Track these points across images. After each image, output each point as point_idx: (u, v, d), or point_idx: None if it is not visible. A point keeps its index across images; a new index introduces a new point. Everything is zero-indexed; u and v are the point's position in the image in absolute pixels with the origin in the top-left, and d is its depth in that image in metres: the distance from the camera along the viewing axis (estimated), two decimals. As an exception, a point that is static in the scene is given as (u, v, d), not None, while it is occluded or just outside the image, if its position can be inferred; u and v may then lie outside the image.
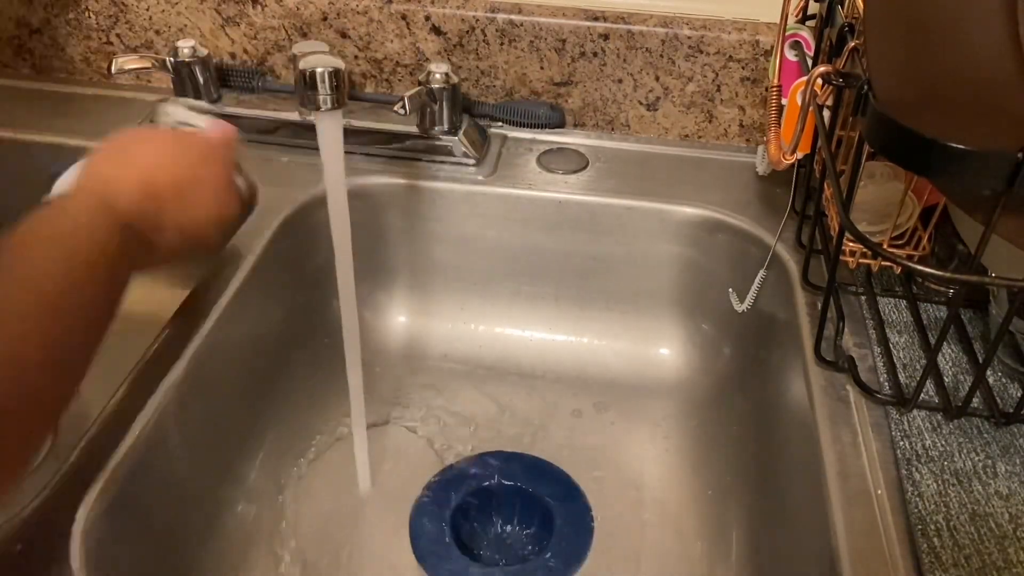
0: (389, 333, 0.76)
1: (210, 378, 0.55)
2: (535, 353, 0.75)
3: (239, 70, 0.76)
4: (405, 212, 0.72)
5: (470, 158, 0.71)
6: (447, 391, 0.72)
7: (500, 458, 0.65)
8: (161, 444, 0.49)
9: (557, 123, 0.76)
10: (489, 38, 0.72)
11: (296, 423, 0.67)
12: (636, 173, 0.71)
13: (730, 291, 0.67)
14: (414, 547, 0.59)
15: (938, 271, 0.51)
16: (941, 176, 0.41)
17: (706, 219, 0.68)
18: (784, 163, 0.54)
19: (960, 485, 0.45)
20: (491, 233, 0.72)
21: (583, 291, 0.74)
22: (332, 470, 0.65)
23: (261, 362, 0.63)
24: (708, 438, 0.68)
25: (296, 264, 0.67)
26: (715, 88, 0.72)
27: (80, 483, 0.44)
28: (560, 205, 0.69)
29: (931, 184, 0.51)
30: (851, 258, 0.56)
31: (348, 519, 0.61)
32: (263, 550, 0.59)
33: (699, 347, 0.73)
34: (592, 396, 0.72)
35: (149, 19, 0.76)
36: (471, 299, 0.76)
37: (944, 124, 0.35)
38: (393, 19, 0.72)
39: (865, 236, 0.43)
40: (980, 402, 0.50)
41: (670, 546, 0.61)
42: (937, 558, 0.41)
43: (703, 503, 0.63)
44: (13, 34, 0.79)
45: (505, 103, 0.75)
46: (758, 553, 0.57)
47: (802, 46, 0.58)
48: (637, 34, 0.70)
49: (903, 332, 0.55)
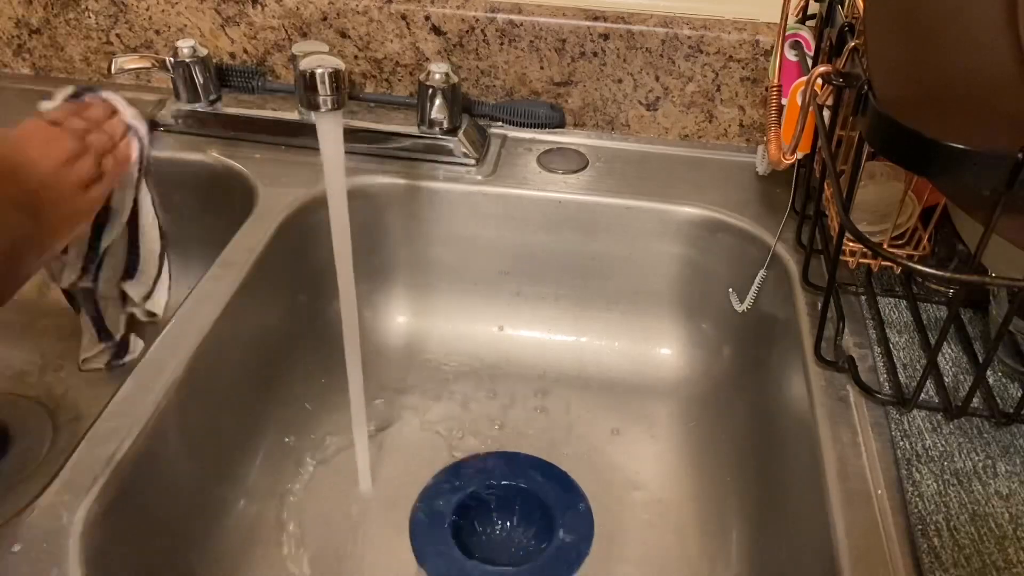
0: (389, 333, 0.76)
1: (210, 378, 0.54)
2: (535, 353, 0.75)
3: (239, 70, 0.76)
4: (405, 212, 0.72)
5: (470, 158, 0.71)
6: (447, 391, 0.72)
7: (500, 458, 0.65)
8: (161, 444, 0.49)
9: (557, 123, 0.76)
10: (489, 38, 0.72)
11: (296, 423, 0.67)
12: (636, 173, 0.71)
13: (730, 291, 0.67)
14: (414, 547, 0.59)
15: (938, 271, 0.50)
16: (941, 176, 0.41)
17: (706, 219, 0.68)
18: (784, 163, 0.54)
19: (960, 485, 0.45)
20: (491, 233, 0.72)
21: (583, 291, 0.74)
22: (332, 470, 0.65)
23: (261, 362, 0.63)
24: (708, 438, 0.68)
25: (296, 264, 0.67)
26: (715, 88, 0.72)
27: (80, 483, 0.44)
28: (560, 205, 0.69)
29: (931, 184, 0.51)
30: (851, 258, 0.56)
31: (348, 519, 0.61)
32: (263, 550, 0.59)
33: (699, 347, 0.73)
34: (592, 396, 0.72)
35: (149, 19, 0.76)
36: (471, 299, 0.76)
37: (944, 124, 0.35)
38: (393, 19, 0.72)
39: (865, 236, 0.43)
40: (980, 402, 0.50)
41: (670, 546, 0.61)
42: (937, 558, 0.41)
43: (703, 503, 0.63)
44: (13, 34, 0.79)
45: (505, 103, 0.75)
46: (758, 553, 0.57)
47: (802, 46, 0.58)
48: (637, 34, 0.70)
49: (903, 332, 0.55)
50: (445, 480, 0.63)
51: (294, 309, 0.68)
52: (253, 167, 0.70)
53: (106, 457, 0.45)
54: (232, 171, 0.70)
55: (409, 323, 0.76)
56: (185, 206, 0.74)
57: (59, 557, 0.41)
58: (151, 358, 0.52)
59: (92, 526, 0.43)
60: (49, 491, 0.44)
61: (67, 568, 0.41)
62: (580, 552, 0.59)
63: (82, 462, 0.45)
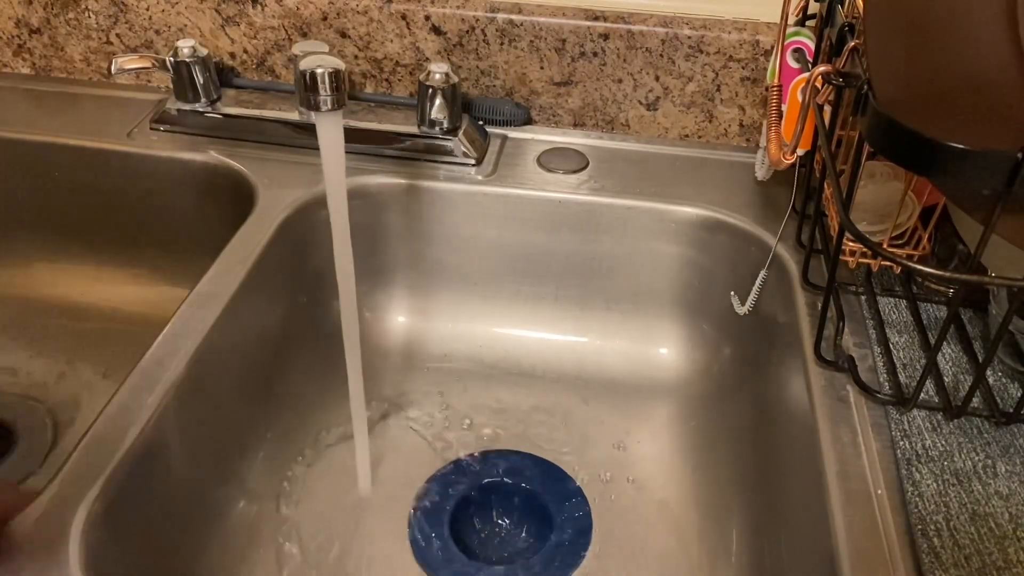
0: (389, 333, 0.76)
1: (210, 378, 0.54)
2: (535, 353, 0.75)
3: (239, 70, 0.76)
4: (405, 212, 0.72)
5: (470, 158, 0.71)
6: (447, 391, 0.72)
7: (500, 457, 0.65)
8: (161, 444, 0.49)
9: (523, 120, 0.76)
10: (489, 38, 0.72)
11: (296, 423, 0.67)
12: (636, 173, 0.71)
13: (732, 294, 0.67)
14: (414, 546, 0.59)
15: (938, 271, 0.51)
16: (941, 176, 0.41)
17: (706, 219, 0.68)
18: (785, 163, 0.54)
19: (960, 485, 0.45)
20: (491, 233, 0.72)
21: (583, 291, 0.74)
22: (332, 470, 0.65)
23: (261, 362, 0.63)
24: (708, 438, 0.68)
25: (296, 264, 0.67)
26: (715, 88, 0.72)
27: (80, 483, 0.44)
28: (560, 205, 0.69)
29: (931, 184, 0.51)
30: (851, 258, 0.56)
31: (348, 519, 0.61)
32: (263, 550, 0.59)
33: (699, 347, 0.73)
34: (592, 396, 0.72)
35: (149, 19, 0.76)
36: (471, 299, 0.76)
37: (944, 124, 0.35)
38: (393, 19, 0.72)
39: (865, 236, 0.43)
40: (980, 402, 0.50)
41: (670, 546, 0.61)
42: (937, 558, 0.41)
43: (703, 503, 0.63)
44: (13, 34, 0.79)
45: (476, 99, 0.75)
46: (758, 553, 0.57)
47: (804, 53, 0.58)
48: (637, 34, 0.70)
49: (903, 332, 0.55)
50: (444, 479, 0.63)
51: (294, 309, 0.68)
52: (253, 167, 0.70)
53: (106, 457, 0.45)
54: (232, 171, 0.70)
55: (409, 323, 0.76)
56: (185, 206, 0.74)
57: (59, 557, 0.41)
58: (151, 358, 0.52)
59: (92, 526, 0.43)
60: (49, 491, 0.44)
61: (67, 568, 0.41)
62: (579, 551, 0.59)
63: (82, 462, 0.45)
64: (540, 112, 0.76)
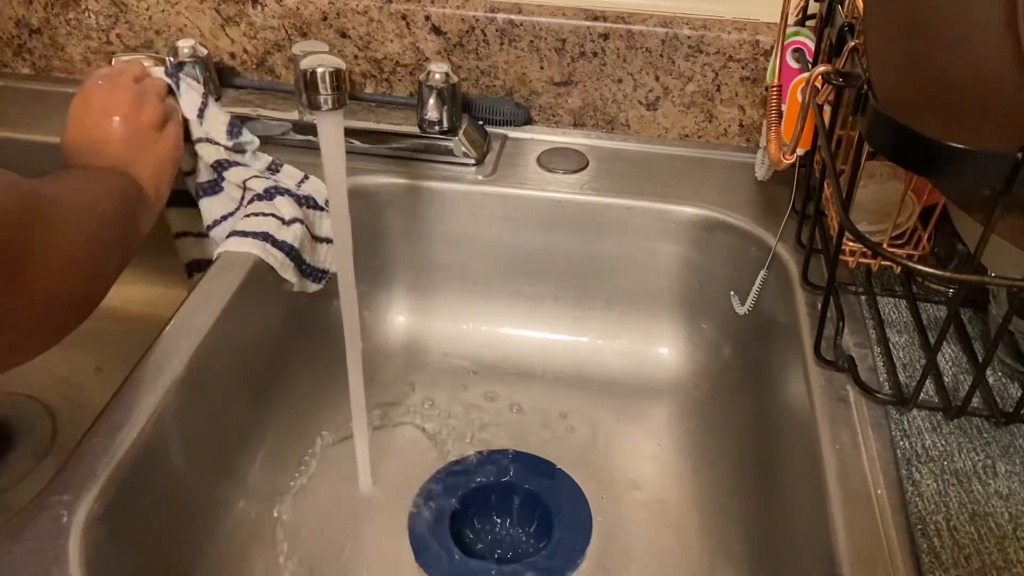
0: (389, 333, 0.76)
1: (210, 378, 0.54)
2: (535, 353, 0.75)
3: (239, 70, 0.76)
4: (405, 212, 0.72)
5: (470, 158, 0.71)
6: (447, 391, 0.72)
7: (500, 457, 0.65)
8: (161, 444, 0.49)
9: (523, 120, 0.76)
10: (489, 38, 0.72)
11: (296, 423, 0.67)
12: (636, 173, 0.71)
13: (732, 294, 0.67)
14: (414, 546, 0.59)
15: (938, 271, 0.51)
16: (941, 176, 0.41)
17: (706, 219, 0.68)
18: (785, 163, 0.54)
19: (960, 485, 0.45)
20: (491, 233, 0.72)
21: (583, 291, 0.74)
22: (332, 470, 0.65)
23: (261, 362, 0.63)
24: (708, 438, 0.68)
25: (296, 264, 0.67)
26: (715, 88, 0.72)
27: (80, 483, 0.44)
28: (560, 205, 0.69)
29: (931, 184, 0.51)
30: (851, 258, 0.56)
31: (348, 518, 0.61)
32: (263, 550, 0.59)
33: (699, 347, 0.73)
34: (592, 396, 0.72)
35: (149, 19, 0.76)
36: (471, 299, 0.76)
37: (944, 124, 0.35)
38: (393, 19, 0.72)
39: (865, 236, 0.43)
40: (980, 402, 0.50)
41: (670, 546, 0.61)
42: (937, 558, 0.41)
43: (703, 503, 0.63)
44: (13, 34, 0.79)
45: (476, 99, 0.75)
46: (758, 553, 0.57)
47: (804, 53, 0.58)
48: (637, 34, 0.70)
49: (903, 332, 0.55)
50: (444, 479, 0.63)
51: (294, 309, 0.68)
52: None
53: (106, 457, 0.45)
54: (232, 171, 0.70)
55: (409, 323, 0.76)
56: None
57: (59, 557, 0.41)
58: (151, 358, 0.52)
59: (92, 526, 0.43)
60: (49, 490, 0.44)
61: (67, 568, 0.41)
62: (578, 551, 0.59)
63: (82, 461, 0.45)
64: (540, 112, 0.76)
